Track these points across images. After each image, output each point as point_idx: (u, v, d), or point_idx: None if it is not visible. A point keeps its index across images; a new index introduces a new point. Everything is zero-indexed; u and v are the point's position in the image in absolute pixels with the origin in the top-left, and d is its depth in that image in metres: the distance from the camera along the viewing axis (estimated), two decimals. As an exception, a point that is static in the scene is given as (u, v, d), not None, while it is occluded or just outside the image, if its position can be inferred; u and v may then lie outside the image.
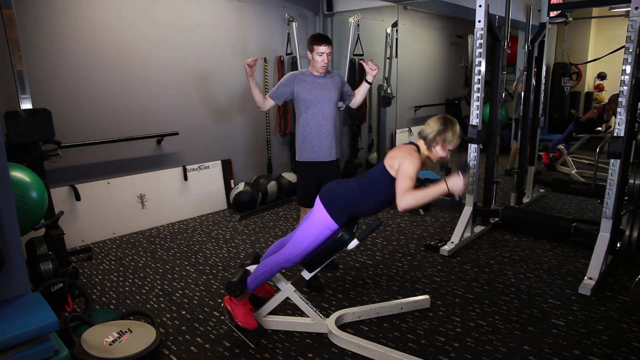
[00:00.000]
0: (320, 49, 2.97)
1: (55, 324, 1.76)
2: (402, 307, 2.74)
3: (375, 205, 2.32)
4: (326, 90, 3.06)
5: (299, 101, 3.08)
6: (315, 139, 3.08)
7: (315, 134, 3.07)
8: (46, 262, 2.48)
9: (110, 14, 3.87)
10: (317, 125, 3.06)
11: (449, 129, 2.22)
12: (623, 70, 2.93)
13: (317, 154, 3.10)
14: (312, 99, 3.03)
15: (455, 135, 2.23)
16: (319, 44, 2.98)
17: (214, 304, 2.89)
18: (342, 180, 2.45)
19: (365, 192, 2.29)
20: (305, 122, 3.08)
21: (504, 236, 3.99)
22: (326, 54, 2.99)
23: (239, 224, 4.40)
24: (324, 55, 2.99)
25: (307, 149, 3.11)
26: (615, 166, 3.04)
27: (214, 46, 4.60)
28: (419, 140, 2.31)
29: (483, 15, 3.51)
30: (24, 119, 2.79)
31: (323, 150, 3.10)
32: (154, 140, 4.31)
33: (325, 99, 3.05)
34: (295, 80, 3.07)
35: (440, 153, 2.26)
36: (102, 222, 4.01)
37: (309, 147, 3.10)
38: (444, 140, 2.22)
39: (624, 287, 3.00)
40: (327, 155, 3.12)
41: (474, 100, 3.68)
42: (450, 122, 2.24)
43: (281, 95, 3.12)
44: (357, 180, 2.35)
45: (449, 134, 2.22)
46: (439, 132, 2.22)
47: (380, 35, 5.80)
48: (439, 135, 2.22)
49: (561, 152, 6.17)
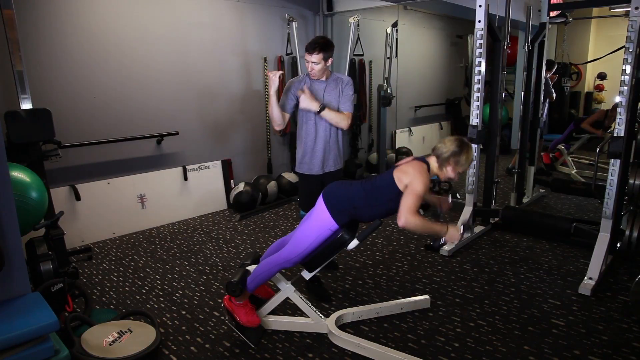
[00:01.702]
0: (308, 57, 2.77)
1: (55, 324, 1.76)
2: (402, 307, 2.74)
3: (377, 212, 2.33)
4: (326, 96, 2.89)
5: (300, 111, 2.92)
6: (317, 152, 2.93)
7: (316, 147, 2.92)
8: (46, 262, 2.48)
9: (111, 14, 3.87)
10: (318, 137, 2.91)
11: (463, 152, 2.23)
12: (623, 70, 2.93)
13: (317, 167, 2.96)
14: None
15: (468, 160, 2.25)
16: (308, 52, 2.76)
17: (214, 304, 2.89)
18: (346, 181, 2.44)
19: (370, 198, 2.29)
20: (307, 133, 2.93)
21: (504, 236, 3.99)
22: (312, 63, 2.77)
23: (239, 224, 4.40)
24: (310, 64, 2.78)
25: (307, 163, 2.97)
26: (615, 166, 3.04)
27: (214, 46, 4.60)
28: (431, 157, 2.30)
29: (483, 15, 3.51)
30: (24, 119, 2.78)
31: (320, 164, 2.96)
32: (154, 140, 4.31)
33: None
34: (292, 88, 2.89)
35: (450, 174, 2.28)
36: (102, 222, 4.01)
37: (309, 161, 2.96)
38: (456, 163, 2.24)
39: (624, 287, 3.00)
40: (330, 166, 3.00)
41: (474, 100, 3.68)
42: (467, 146, 2.25)
43: (286, 106, 2.90)
44: (362, 184, 2.34)
45: (463, 157, 2.23)
46: (453, 153, 2.22)
47: (380, 35, 5.80)
48: (453, 157, 2.23)
49: (561, 152, 6.17)
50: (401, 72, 6.00)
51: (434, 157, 2.29)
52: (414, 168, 2.24)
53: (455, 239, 2.25)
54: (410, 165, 2.26)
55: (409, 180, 2.20)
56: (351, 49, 5.35)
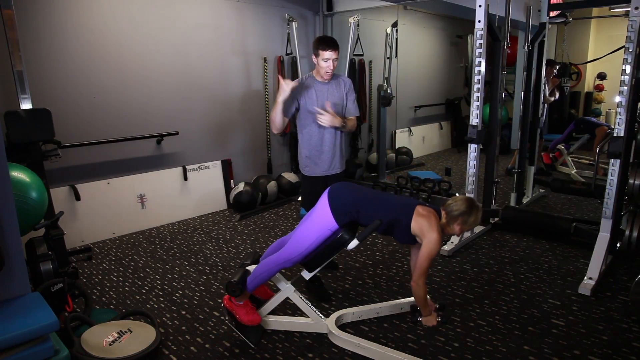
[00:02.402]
0: (326, 54, 2.73)
1: (55, 324, 1.76)
2: (402, 307, 2.74)
3: None
4: (330, 97, 2.86)
5: (303, 112, 2.87)
6: (322, 154, 2.91)
7: (320, 149, 2.91)
8: (46, 262, 2.48)
9: (110, 14, 3.87)
10: (322, 138, 2.88)
11: (472, 214, 2.31)
12: (623, 70, 2.93)
13: (321, 168, 2.95)
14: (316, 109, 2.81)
15: (475, 222, 2.34)
16: (324, 49, 2.72)
17: (214, 304, 2.89)
18: (354, 186, 2.45)
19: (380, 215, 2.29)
20: (310, 135, 2.89)
21: (504, 236, 3.99)
22: (332, 60, 2.74)
23: (239, 224, 4.40)
24: (329, 62, 2.74)
25: (312, 165, 2.95)
26: (615, 166, 3.04)
27: (214, 46, 4.60)
28: (443, 210, 2.36)
29: (483, 15, 3.51)
30: (24, 119, 2.78)
31: (327, 165, 2.95)
32: (154, 140, 4.31)
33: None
34: (301, 91, 2.83)
35: (455, 230, 2.35)
36: (102, 222, 4.01)
37: (313, 163, 2.95)
38: (464, 222, 2.32)
39: (624, 287, 3.00)
40: (337, 168, 3.00)
41: (474, 100, 3.67)
42: (477, 208, 2.34)
43: (288, 112, 2.84)
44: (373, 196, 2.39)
45: (472, 219, 2.31)
46: (462, 213, 2.30)
47: (380, 35, 5.80)
48: (462, 217, 2.30)
49: (561, 152, 6.17)
50: (401, 72, 5.99)
51: (445, 212, 2.36)
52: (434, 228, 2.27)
53: (429, 324, 2.41)
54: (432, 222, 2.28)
55: (428, 240, 2.25)
56: (351, 49, 5.34)
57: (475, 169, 3.78)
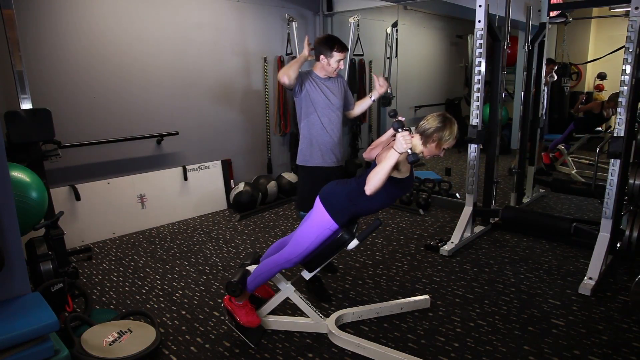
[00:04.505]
0: (340, 55, 2.90)
1: (55, 324, 1.76)
2: (402, 307, 2.74)
3: (376, 203, 2.31)
4: (333, 94, 3.01)
5: (305, 101, 2.98)
6: (323, 144, 3.02)
7: (321, 140, 3.01)
8: (46, 262, 2.48)
9: (111, 14, 3.87)
10: (323, 130, 3.00)
11: (446, 127, 2.18)
12: (623, 70, 2.93)
13: (321, 159, 3.04)
14: (321, 101, 2.97)
15: (452, 135, 2.20)
16: (339, 51, 2.89)
17: (214, 304, 2.89)
18: (341, 180, 2.43)
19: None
20: (311, 125, 3.01)
21: (504, 236, 3.99)
22: (342, 61, 2.95)
23: (239, 224, 4.40)
24: (341, 63, 2.93)
25: (313, 154, 3.04)
26: (615, 166, 3.04)
27: (214, 46, 4.60)
28: (415, 134, 2.24)
29: (483, 15, 3.51)
30: (24, 119, 2.79)
31: (328, 156, 3.05)
32: (154, 140, 4.31)
33: (332, 103, 3.01)
34: (306, 78, 2.97)
35: (434, 151, 2.23)
36: (102, 222, 4.01)
37: (315, 153, 3.03)
38: (440, 139, 2.19)
39: (624, 287, 3.00)
40: (334, 161, 3.08)
41: (474, 100, 3.68)
42: (450, 121, 2.20)
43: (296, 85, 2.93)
44: (357, 180, 2.33)
45: (446, 132, 2.18)
46: (436, 129, 2.18)
47: (380, 35, 5.80)
48: (436, 133, 2.18)
49: (561, 152, 6.17)
50: (401, 72, 5.99)
51: (418, 135, 2.24)
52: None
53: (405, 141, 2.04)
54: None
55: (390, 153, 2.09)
56: (351, 49, 5.35)
57: (475, 169, 3.78)
